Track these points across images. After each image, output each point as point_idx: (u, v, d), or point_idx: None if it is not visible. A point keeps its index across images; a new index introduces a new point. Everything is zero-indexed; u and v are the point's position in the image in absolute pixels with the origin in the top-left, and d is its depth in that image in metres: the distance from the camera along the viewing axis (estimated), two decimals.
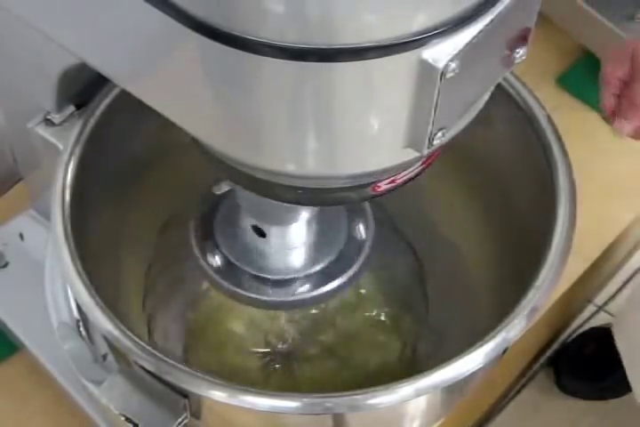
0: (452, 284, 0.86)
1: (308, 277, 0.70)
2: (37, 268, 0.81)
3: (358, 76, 0.45)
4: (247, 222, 0.68)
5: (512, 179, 0.76)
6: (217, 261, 0.70)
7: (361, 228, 0.72)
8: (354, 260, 0.71)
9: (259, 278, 0.70)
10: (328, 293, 0.70)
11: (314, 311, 0.89)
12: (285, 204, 0.59)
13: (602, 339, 1.22)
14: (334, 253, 0.70)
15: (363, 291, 0.89)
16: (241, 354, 0.88)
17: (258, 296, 0.70)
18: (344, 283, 0.70)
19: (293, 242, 0.69)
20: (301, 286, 0.71)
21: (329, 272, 0.70)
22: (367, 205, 0.72)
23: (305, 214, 0.67)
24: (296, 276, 0.70)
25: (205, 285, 0.86)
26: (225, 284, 0.70)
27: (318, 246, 0.70)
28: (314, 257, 0.70)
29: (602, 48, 1.02)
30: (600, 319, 1.35)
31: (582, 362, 1.30)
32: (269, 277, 0.70)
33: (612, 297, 1.35)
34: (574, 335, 1.34)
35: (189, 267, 0.73)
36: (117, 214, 0.78)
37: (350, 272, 0.70)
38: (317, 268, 0.70)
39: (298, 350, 0.88)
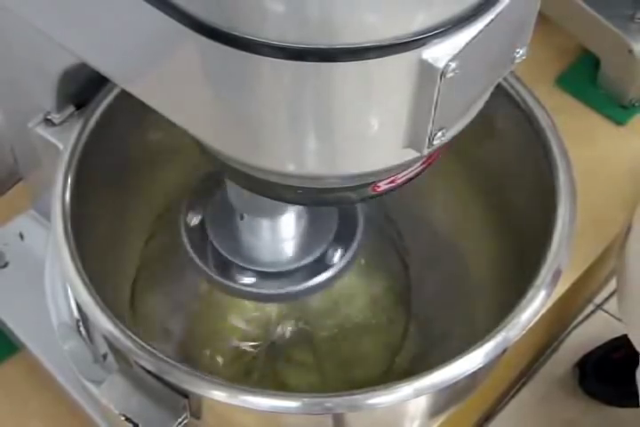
0: (452, 284, 0.86)
1: (297, 271, 0.71)
2: (37, 268, 0.81)
3: (358, 77, 0.45)
4: (238, 215, 0.69)
5: (512, 179, 0.76)
6: (210, 255, 0.70)
7: (350, 224, 0.72)
8: (342, 254, 0.71)
9: (249, 271, 0.70)
10: (316, 286, 0.71)
11: (308, 306, 0.89)
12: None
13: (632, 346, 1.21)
14: (323, 248, 0.71)
15: (351, 287, 0.90)
16: (236, 349, 0.88)
17: (249, 289, 0.71)
18: (330, 277, 0.71)
19: (283, 235, 0.69)
20: (291, 278, 0.71)
21: (317, 266, 0.71)
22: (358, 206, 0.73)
23: (293, 207, 0.67)
24: (286, 269, 0.71)
25: (203, 282, 0.86)
26: (218, 278, 0.70)
27: (308, 239, 0.70)
28: (303, 251, 0.70)
29: (602, 48, 1.02)
30: (600, 319, 1.35)
31: (610, 367, 1.29)
32: (260, 269, 0.70)
33: (611, 296, 1.35)
34: (572, 335, 1.34)
35: (185, 266, 0.73)
36: (117, 214, 0.78)
37: (339, 265, 0.71)
38: (306, 261, 0.70)
39: (288, 347, 0.89)
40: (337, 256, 0.71)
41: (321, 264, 0.71)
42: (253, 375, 0.87)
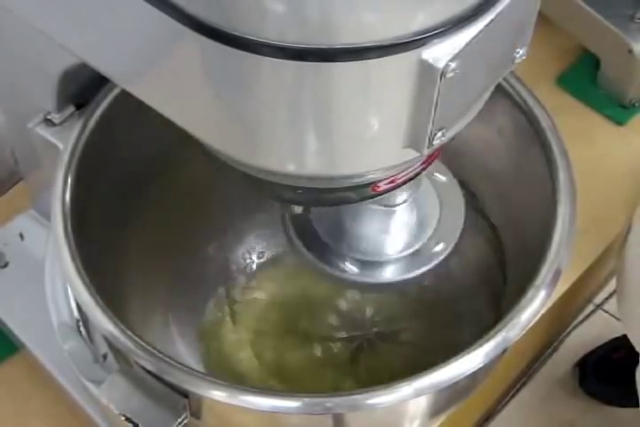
0: (453, 283, 0.86)
1: (397, 261, 0.69)
2: (37, 268, 0.81)
3: (358, 77, 0.45)
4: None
5: (512, 179, 0.76)
6: (311, 242, 0.69)
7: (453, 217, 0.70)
8: (444, 247, 0.69)
9: (350, 259, 0.69)
10: (415, 278, 0.69)
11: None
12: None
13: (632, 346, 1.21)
14: (423, 240, 0.69)
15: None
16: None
17: (350, 277, 0.69)
18: (430, 270, 0.69)
19: (389, 224, 0.68)
20: (387, 269, 0.69)
21: (416, 258, 0.69)
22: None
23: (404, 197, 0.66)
24: (386, 259, 0.69)
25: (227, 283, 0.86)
26: (321, 265, 0.69)
27: (410, 231, 0.69)
28: (404, 242, 0.69)
29: (602, 48, 1.02)
30: (600, 319, 1.35)
31: (610, 367, 1.29)
32: (360, 258, 0.68)
33: (610, 296, 1.35)
34: (572, 335, 1.34)
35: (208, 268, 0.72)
36: (118, 214, 0.78)
37: (439, 258, 0.69)
38: (406, 253, 0.69)
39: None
40: (439, 248, 0.69)
41: (423, 255, 0.69)
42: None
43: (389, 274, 0.69)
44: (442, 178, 0.70)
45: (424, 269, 0.69)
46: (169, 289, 0.87)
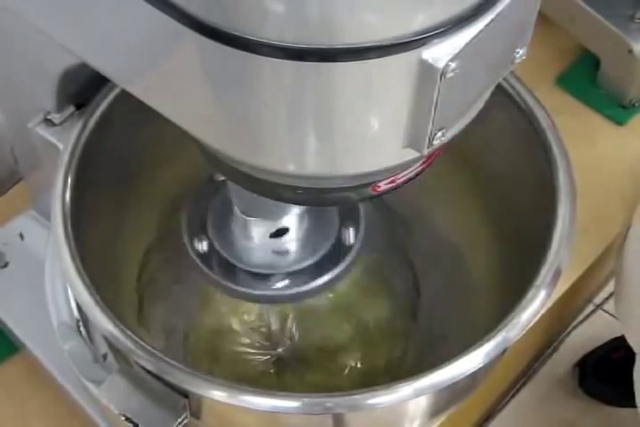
0: (453, 284, 0.86)
1: (293, 273, 0.71)
2: (37, 268, 0.81)
3: (358, 77, 0.45)
4: (239, 216, 0.69)
5: (512, 179, 0.76)
6: (212, 257, 0.70)
7: (351, 229, 0.72)
8: (341, 257, 0.71)
9: (249, 273, 0.70)
10: (316, 288, 0.71)
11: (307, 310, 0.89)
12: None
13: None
14: (324, 250, 0.70)
15: (353, 290, 0.90)
16: (241, 353, 0.88)
17: (248, 291, 0.71)
18: (331, 280, 0.71)
19: (285, 236, 0.69)
20: (292, 280, 0.71)
21: (318, 268, 0.71)
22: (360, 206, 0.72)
23: (295, 209, 0.67)
24: (287, 271, 0.70)
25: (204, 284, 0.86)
26: (219, 280, 0.70)
27: (309, 242, 0.70)
28: (305, 253, 0.70)
29: (602, 48, 1.02)
30: (600, 319, 1.35)
31: (610, 367, 1.29)
32: (260, 271, 0.70)
33: (611, 296, 1.34)
34: (572, 335, 1.34)
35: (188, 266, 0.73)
36: (117, 214, 0.78)
37: (336, 271, 0.70)
38: (304, 264, 0.70)
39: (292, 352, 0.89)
40: (337, 259, 0.71)
41: (322, 267, 0.71)
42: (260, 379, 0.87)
43: (289, 286, 0.71)
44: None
45: (325, 279, 0.70)
46: (169, 289, 0.87)
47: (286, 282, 0.71)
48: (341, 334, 0.89)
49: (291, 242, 0.70)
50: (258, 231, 0.69)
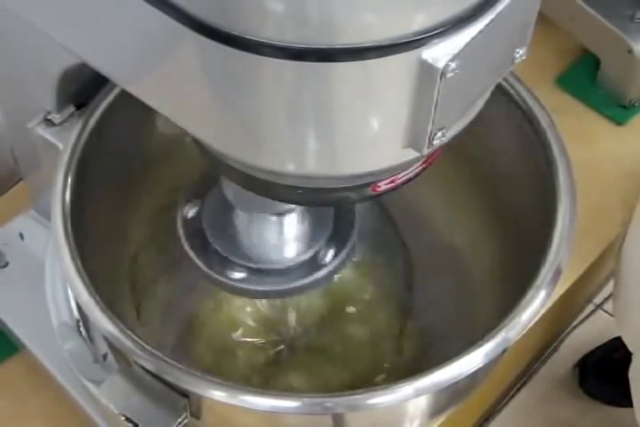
0: (452, 283, 0.86)
1: (292, 268, 0.70)
2: (37, 268, 0.81)
3: (358, 77, 0.45)
4: (235, 213, 0.69)
5: (512, 179, 0.76)
6: (206, 250, 0.70)
7: (347, 223, 0.71)
8: (336, 253, 0.71)
9: (243, 267, 0.70)
10: (309, 284, 0.70)
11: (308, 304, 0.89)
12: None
13: None
14: (318, 246, 0.70)
15: (350, 285, 0.90)
16: (242, 347, 0.89)
17: (241, 285, 0.70)
18: (324, 276, 0.70)
19: (280, 232, 0.69)
20: (286, 276, 0.70)
21: (311, 264, 0.70)
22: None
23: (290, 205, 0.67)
24: (281, 266, 0.70)
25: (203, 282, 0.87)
26: (212, 273, 0.70)
27: (304, 237, 0.70)
28: (298, 248, 0.70)
29: (602, 48, 1.02)
30: (600, 319, 1.35)
31: (610, 367, 1.29)
32: (254, 266, 0.70)
33: (611, 296, 1.34)
34: (572, 335, 1.34)
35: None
36: (117, 214, 0.78)
37: (333, 264, 0.70)
38: (301, 259, 0.70)
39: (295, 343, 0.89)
40: (331, 255, 0.70)
41: (315, 263, 0.71)
42: (255, 376, 0.87)
43: (283, 281, 0.70)
44: None
45: (318, 275, 0.70)
46: (169, 289, 0.87)
47: (282, 277, 0.71)
48: (339, 331, 0.89)
49: (287, 237, 0.70)
50: (254, 226, 0.69)
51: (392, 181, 0.55)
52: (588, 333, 1.35)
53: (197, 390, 0.62)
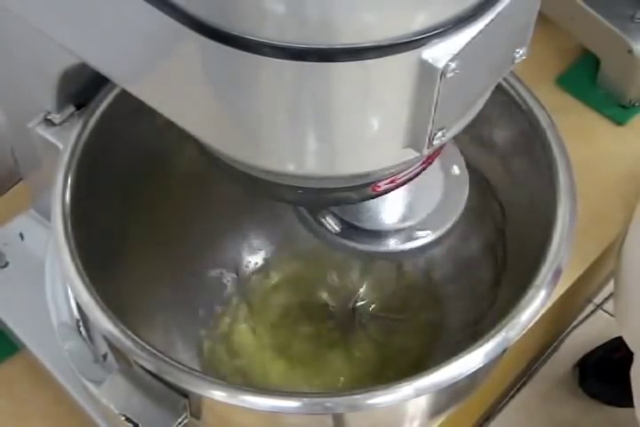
0: (453, 283, 0.86)
1: (397, 232, 0.67)
2: (37, 268, 0.81)
3: (358, 77, 0.45)
4: None
5: (512, 179, 0.76)
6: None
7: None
8: (442, 221, 0.67)
9: (354, 228, 0.66)
10: (413, 250, 0.67)
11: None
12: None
13: None
14: (425, 213, 0.66)
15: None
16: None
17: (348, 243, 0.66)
18: (429, 244, 0.67)
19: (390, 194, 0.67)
20: (390, 239, 0.67)
21: (416, 230, 0.67)
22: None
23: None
24: (386, 229, 0.66)
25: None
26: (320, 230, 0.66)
27: (412, 203, 0.67)
28: (405, 213, 0.67)
29: (602, 48, 1.02)
30: (600, 319, 1.35)
31: (610, 367, 1.29)
32: (363, 226, 0.66)
33: (611, 296, 1.34)
34: (572, 335, 1.34)
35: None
36: (118, 214, 0.78)
37: (438, 233, 0.67)
38: (407, 224, 0.66)
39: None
40: (436, 223, 0.67)
41: (420, 229, 0.67)
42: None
43: (387, 244, 0.67)
44: (456, 171, 0.69)
45: (422, 242, 0.66)
46: (169, 289, 0.87)
47: (391, 239, 0.67)
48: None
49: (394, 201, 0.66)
50: None
51: (392, 181, 0.55)
52: (588, 333, 1.35)
53: (197, 390, 0.62)
